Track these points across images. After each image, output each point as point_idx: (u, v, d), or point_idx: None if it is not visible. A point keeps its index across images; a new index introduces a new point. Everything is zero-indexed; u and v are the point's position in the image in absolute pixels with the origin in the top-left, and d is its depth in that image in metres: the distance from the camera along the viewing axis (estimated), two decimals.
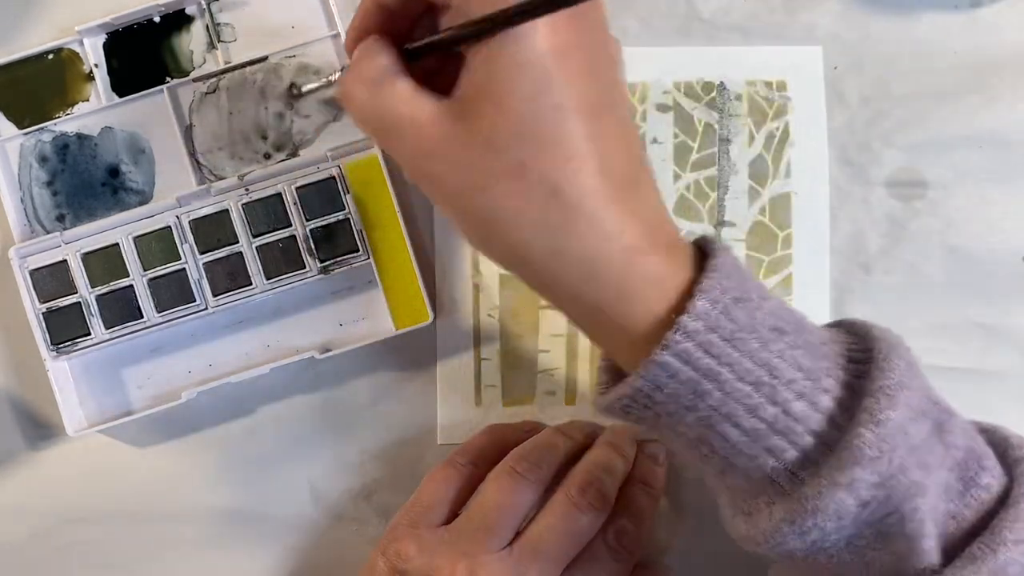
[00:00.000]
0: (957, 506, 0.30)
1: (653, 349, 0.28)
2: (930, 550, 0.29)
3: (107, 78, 0.42)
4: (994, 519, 0.29)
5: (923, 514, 0.29)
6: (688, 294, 0.28)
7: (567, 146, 0.28)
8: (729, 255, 0.30)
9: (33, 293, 0.41)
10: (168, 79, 0.42)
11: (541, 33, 0.28)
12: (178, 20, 0.42)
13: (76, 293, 0.41)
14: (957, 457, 0.30)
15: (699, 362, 0.28)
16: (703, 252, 0.30)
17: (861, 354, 0.30)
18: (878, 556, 0.29)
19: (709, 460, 0.31)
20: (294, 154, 0.42)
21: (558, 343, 0.43)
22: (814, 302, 0.43)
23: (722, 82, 0.43)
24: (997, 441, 0.33)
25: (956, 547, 0.29)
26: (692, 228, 0.43)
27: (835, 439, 0.29)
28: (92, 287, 0.41)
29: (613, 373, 0.33)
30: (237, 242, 0.41)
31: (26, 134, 0.42)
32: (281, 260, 0.41)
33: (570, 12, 0.28)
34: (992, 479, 0.30)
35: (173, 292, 0.41)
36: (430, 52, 0.31)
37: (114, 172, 0.42)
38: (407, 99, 0.30)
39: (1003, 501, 0.30)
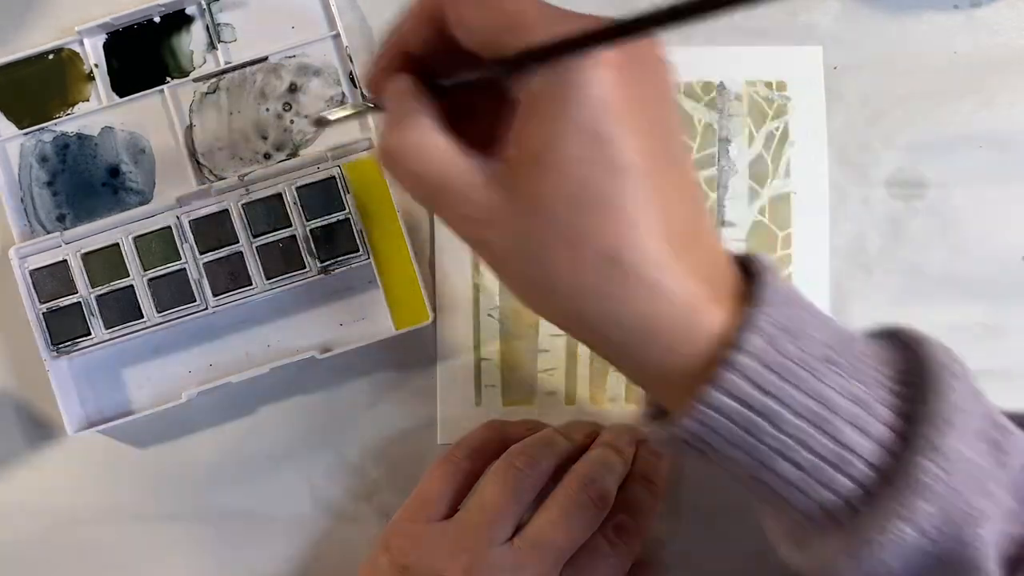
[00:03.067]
0: (1020, 529, 0.29)
1: (703, 392, 0.27)
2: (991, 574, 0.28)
3: (107, 78, 0.42)
4: None
5: (985, 542, 0.27)
6: (737, 332, 0.27)
7: (628, 212, 0.26)
8: (780, 283, 0.29)
9: (33, 293, 0.41)
10: (168, 79, 0.42)
11: (596, 91, 0.26)
12: (178, 20, 0.42)
13: (76, 293, 0.41)
14: (1017, 480, 0.29)
15: (751, 399, 0.27)
16: (748, 271, 0.29)
17: (914, 375, 0.29)
18: None
19: (761, 494, 0.30)
20: (294, 154, 0.42)
21: (558, 343, 0.43)
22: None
23: (722, 82, 0.43)
24: None
25: (1020, 570, 0.28)
26: None
27: (892, 469, 0.28)
28: (92, 287, 0.41)
29: (657, 406, 0.32)
30: (237, 242, 0.41)
31: (26, 134, 0.42)
32: (281, 260, 0.41)
33: (628, 61, 0.26)
34: None
35: (173, 292, 0.41)
36: (462, 89, 0.29)
37: (114, 172, 0.42)
38: (450, 162, 0.28)
39: None
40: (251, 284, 0.41)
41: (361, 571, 0.39)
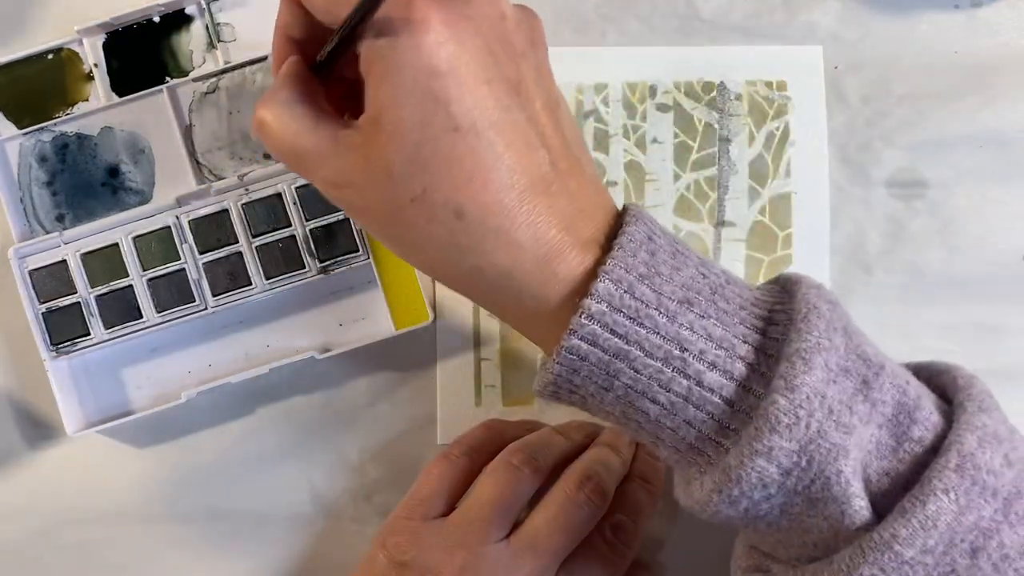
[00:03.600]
0: (891, 462, 0.29)
1: (562, 338, 0.29)
2: (861, 509, 0.28)
3: (107, 78, 0.42)
4: (926, 470, 0.29)
5: (847, 476, 0.28)
6: (590, 279, 0.29)
7: (464, 166, 0.28)
8: (640, 227, 0.29)
9: (33, 293, 0.41)
10: (168, 79, 0.42)
11: (425, 52, 0.27)
12: (178, 20, 0.42)
13: (76, 293, 0.41)
14: (886, 413, 0.30)
15: (607, 343, 0.28)
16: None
17: (784, 315, 0.30)
18: (814, 522, 0.29)
19: (641, 436, 0.31)
20: None
21: None
22: None
23: (722, 82, 0.43)
24: (946, 383, 0.32)
25: (892, 503, 0.29)
26: (692, 228, 0.43)
27: (753, 407, 0.29)
28: (92, 287, 0.41)
29: None
30: (237, 242, 0.41)
31: (26, 134, 0.42)
32: (281, 260, 0.41)
33: (460, 19, 0.28)
34: (925, 431, 0.30)
35: (173, 292, 0.41)
36: (334, 61, 0.30)
37: (114, 172, 0.42)
38: (310, 129, 0.30)
39: (936, 450, 0.29)
40: (251, 284, 0.41)
41: (359, 569, 0.39)
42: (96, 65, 0.42)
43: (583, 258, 0.29)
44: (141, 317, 0.41)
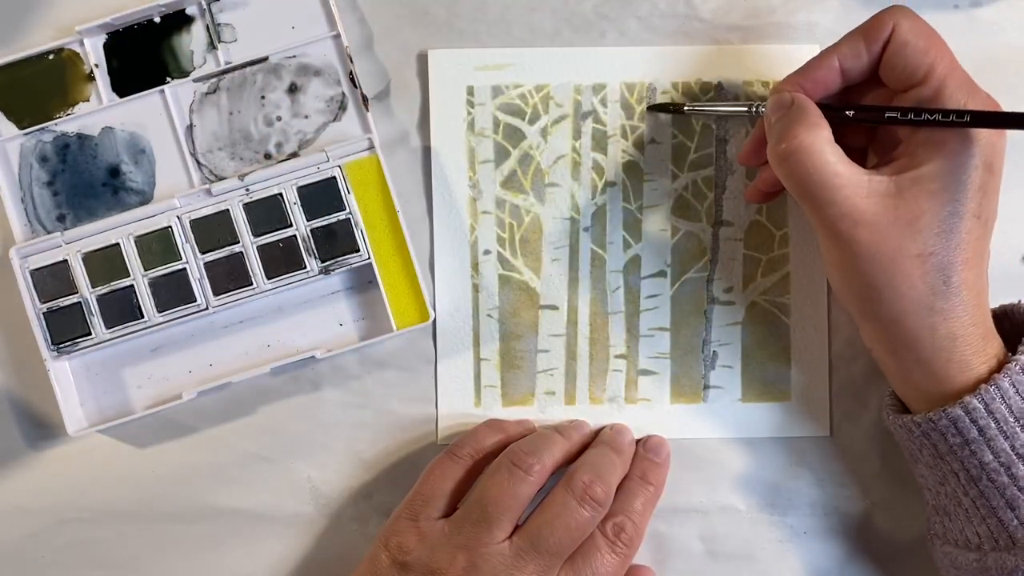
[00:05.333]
0: None
1: (982, 389, 0.34)
2: None
3: (107, 78, 0.42)
4: None
5: None
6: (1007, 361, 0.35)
7: (965, 248, 0.35)
8: None
9: (34, 293, 0.41)
10: (168, 79, 0.42)
11: (983, 153, 0.35)
12: (178, 20, 0.42)
13: (76, 293, 0.41)
14: None
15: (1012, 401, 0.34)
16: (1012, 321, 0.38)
17: None
18: None
19: (972, 495, 0.35)
20: (294, 154, 0.42)
21: (558, 343, 0.43)
22: (811, 301, 0.43)
23: (720, 82, 0.43)
24: None
25: None
26: (690, 228, 0.43)
27: None
28: (92, 287, 0.41)
29: (901, 402, 0.38)
30: (237, 242, 0.41)
31: (27, 134, 0.42)
32: (281, 260, 0.41)
33: (999, 135, 0.35)
34: None
35: (173, 292, 0.41)
36: (863, 123, 0.37)
37: (114, 172, 0.42)
38: (844, 169, 0.35)
39: None
40: (251, 284, 0.41)
41: (360, 568, 0.39)
42: (97, 65, 0.42)
43: (991, 341, 0.36)
44: (142, 317, 0.41)
